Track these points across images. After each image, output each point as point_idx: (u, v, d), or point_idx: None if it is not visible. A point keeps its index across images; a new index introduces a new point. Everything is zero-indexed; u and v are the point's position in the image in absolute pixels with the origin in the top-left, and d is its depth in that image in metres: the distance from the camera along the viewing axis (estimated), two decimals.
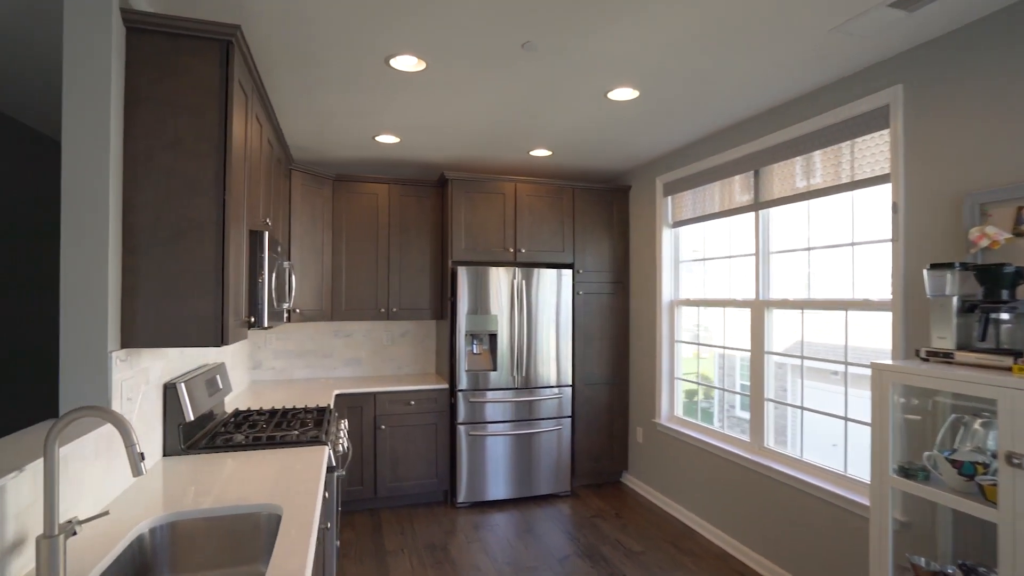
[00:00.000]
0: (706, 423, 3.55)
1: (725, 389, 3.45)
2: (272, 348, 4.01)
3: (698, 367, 3.71)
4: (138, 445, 1.21)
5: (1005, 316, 1.76)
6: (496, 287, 3.85)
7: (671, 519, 3.58)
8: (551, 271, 3.98)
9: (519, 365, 3.89)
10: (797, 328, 2.86)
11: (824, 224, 2.72)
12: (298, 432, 2.31)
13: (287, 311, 2.70)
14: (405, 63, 2.35)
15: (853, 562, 2.38)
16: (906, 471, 1.85)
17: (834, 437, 2.60)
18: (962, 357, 1.76)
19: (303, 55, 2.28)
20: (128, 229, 1.70)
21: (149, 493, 1.68)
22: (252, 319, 2.16)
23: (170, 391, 2.05)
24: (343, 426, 2.73)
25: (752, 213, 3.10)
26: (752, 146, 3.02)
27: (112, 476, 1.63)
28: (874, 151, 2.35)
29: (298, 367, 4.08)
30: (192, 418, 2.08)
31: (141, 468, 1.21)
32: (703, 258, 3.65)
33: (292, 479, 1.80)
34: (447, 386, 3.84)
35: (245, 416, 2.63)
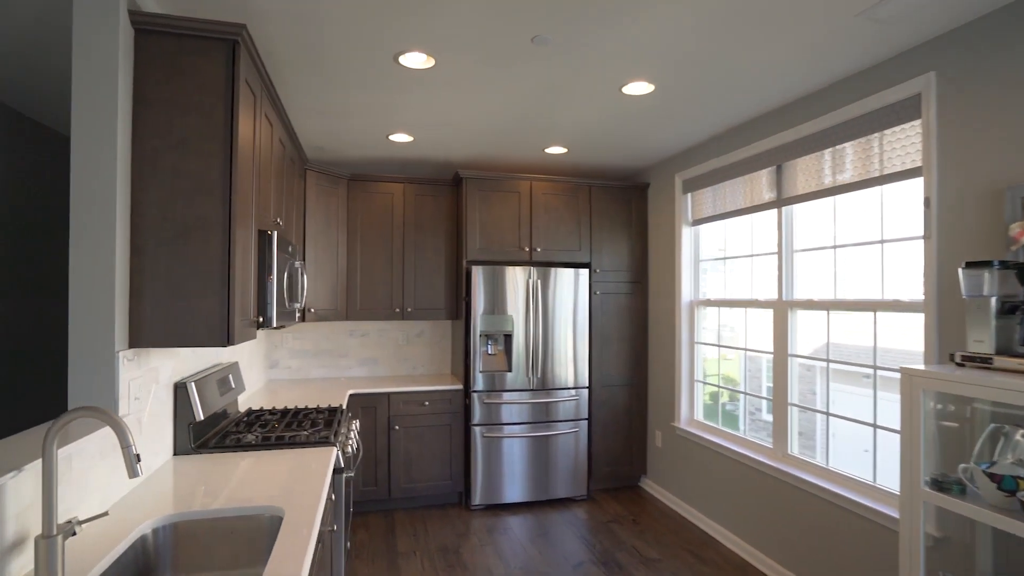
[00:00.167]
0: (731, 426, 3.43)
1: (747, 393, 3.33)
2: (288, 347, 4.04)
3: (719, 368, 3.60)
4: (134, 447, 1.19)
5: None
6: (511, 287, 3.80)
7: (690, 526, 3.48)
8: (567, 270, 3.91)
9: (535, 366, 3.83)
10: (824, 329, 2.73)
11: (851, 221, 2.60)
12: (308, 432, 2.30)
13: (299, 311, 2.70)
14: (414, 60, 2.32)
15: None
16: (939, 484, 1.74)
17: (866, 442, 2.48)
18: (1001, 362, 1.64)
19: (311, 54, 2.27)
20: (135, 229, 1.71)
21: (156, 493, 1.69)
22: (261, 319, 2.16)
23: (180, 390, 2.06)
24: (354, 427, 2.72)
25: (775, 210, 2.98)
26: (774, 140, 2.90)
27: (119, 475, 1.64)
28: (904, 143, 2.23)
29: (314, 366, 4.10)
30: (202, 417, 2.09)
31: (137, 470, 1.20)
32: (724, 257, 3.54)
33: (297, 480, 1.79)
34: (461, 387, 3.80)
35: (257, 415, 2.64)
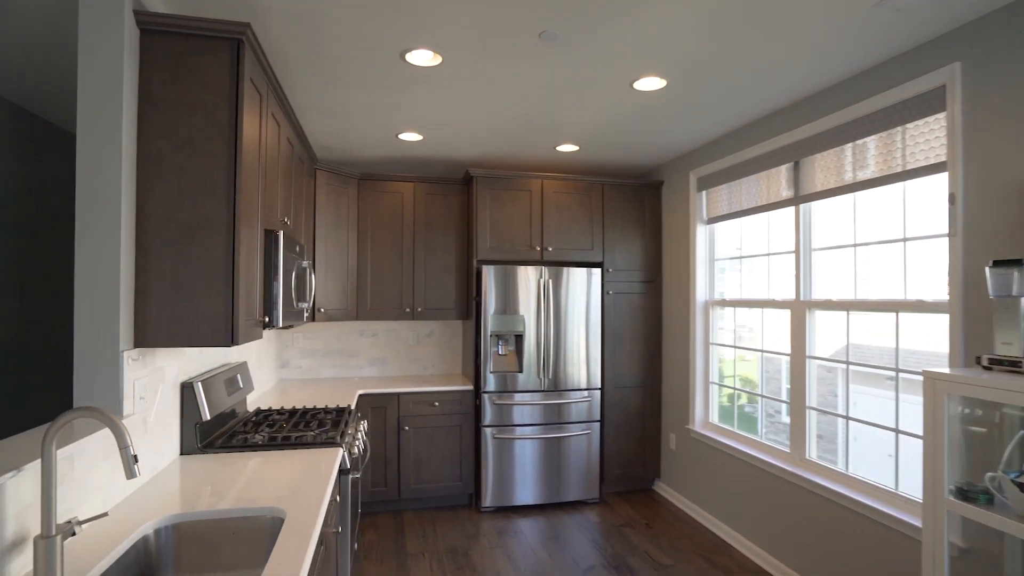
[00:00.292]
0: (750, 428, 3.34)
1: (763, 395, 3.24)
2: (299, 347, 4.05)
3: (734, 370, 3.52)
4: (132, 447, 1.18)
5: None
6: (523, 286, 3.76)
7: (704, 531, 3.40)
8: (580, 270, 3.86)
9: (546, 367, 3.79)
10: (844, 330, 2.64)
11: (872, 218, 2.51)
12: (314, 433, 2.29)
13: (307, 311, 2.70)
14: (420, 58, 2.29)
15: None
16: (965, 493, 1.66)
17: (889, 446, 2.39)
18: None
19: (317, 52, 2.26)
20: (140, 229, 1.71)
21: (160, 493, 1.68)
22: (267, 319, 2.16)
23: (187, 390, 2.06)
24: (362, 427, 2.71)
25: (792, 207, 2.90)
26: (791, 136, 2.82)
27: (123, 475, 1.64)
28: (928, 137, 2.14)
29: (325, 366, 4.11)
30: (208, 417, 2.09)
31: (134, 471, 1.19)
32: (740, 256, 3.46)
33: (301, 481, 1.77)
34: (472, 387, 3.78)
35: (266, 415, 2.64)
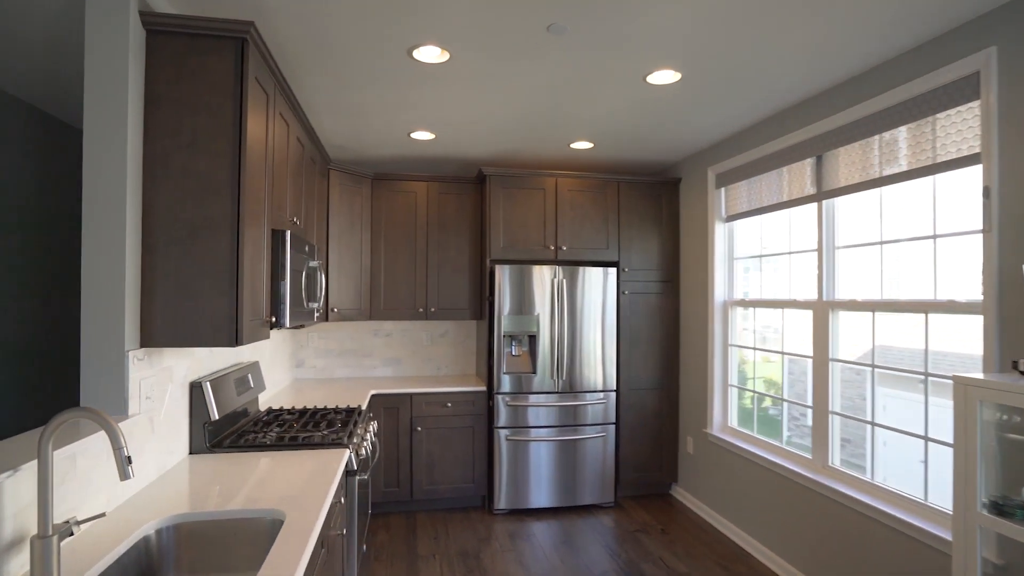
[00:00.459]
0: (773, 431, 3.22)
1: (784, 399, 3.13)
2: (314, 347, 4.07)
3: (754, 371, 3.40)
4: (126, 448, 1.17)
5: None
6: (537, 286, 3.71)
7: (722, 538, 3.30)
8: (595, 269, 3.79)
9: (560, 368, 3.73)
10: (870, 332, 2.52)
11: (900, 214, 2.39)
12: (323, 433, 2.28)
13: (318, 311, 2.69)
14: (428, 54, 2.26)
15: None
16: (1000, 507, 1.55)
17: (921, 452, 2.26)
18: None
19: (324, 51, 2.25)
20: (146, 228, 1.71)
21: (164, 493, 1.68)
22: (274, 319, 2.15)
23: (196, 390, 2.07)
24: (371, 428, 2.69)
25: (815, 204, 2.78)
26: (813, 129, 2.71)
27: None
28: (960, 127, 2.02)
29: (339, 366, 4.12)
30: (216, 417, 2.10)
31: (128, 472, 1.18)
32: (760, 255, 3.34)
33: (304, 482, 1.76)
34: (485, 388, 3.74)
35: (276, 415, 2.65)
